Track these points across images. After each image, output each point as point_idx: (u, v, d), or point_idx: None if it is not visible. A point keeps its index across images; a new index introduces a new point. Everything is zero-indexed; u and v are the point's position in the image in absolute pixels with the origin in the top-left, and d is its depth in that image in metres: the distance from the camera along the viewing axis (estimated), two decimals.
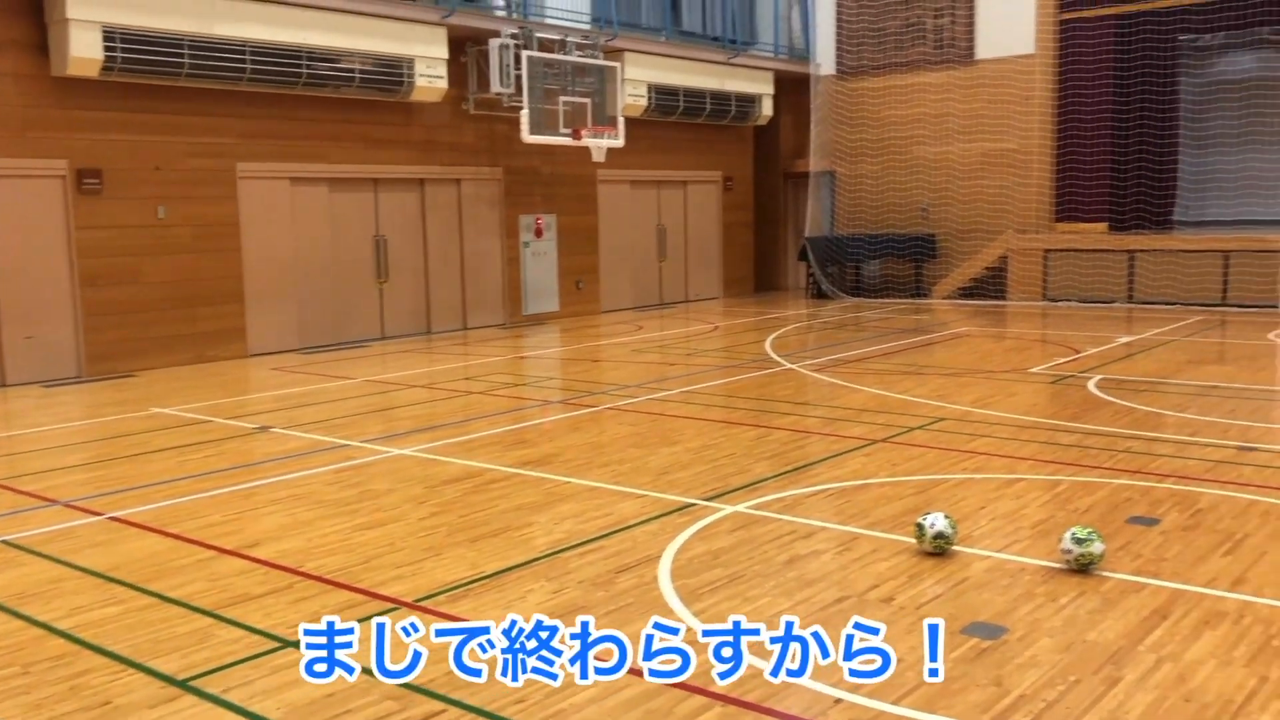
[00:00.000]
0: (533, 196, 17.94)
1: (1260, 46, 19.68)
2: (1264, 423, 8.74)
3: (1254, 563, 5.33)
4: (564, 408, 10.30)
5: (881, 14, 20.84)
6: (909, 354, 13.15)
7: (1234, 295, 17.02)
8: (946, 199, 20.41)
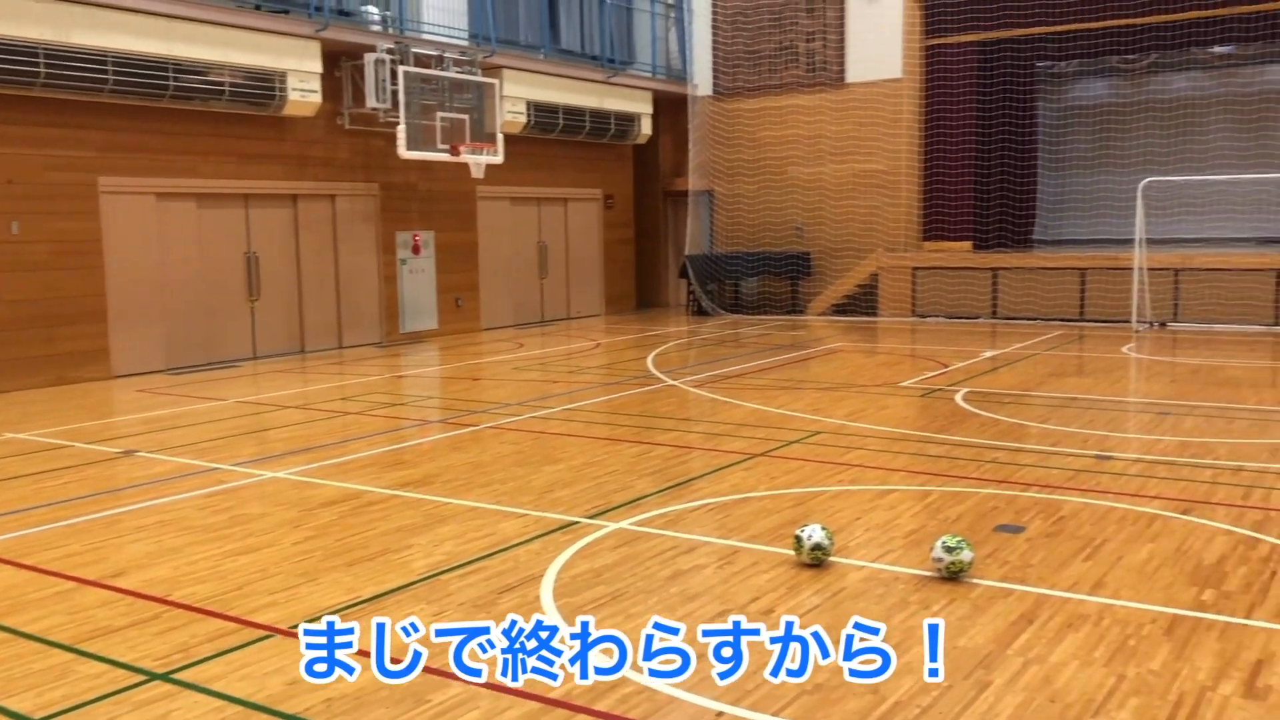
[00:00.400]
0: (410, 213, 17.72)
1: (1111, 74, 20.78)
2: (1119, 432, 9.17)
3: (1112, 567, 5.58)
4: (444, 427, 10.17)
5: (756, 37, 21.27)
6: (786, 369, 13.40)
7: (1091, 310, 17.84)
8: (820, 218, 20.90)
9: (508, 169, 18.29)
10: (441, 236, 18.23)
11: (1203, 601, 5.05)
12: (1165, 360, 13.64)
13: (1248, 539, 5.99)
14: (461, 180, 17.93)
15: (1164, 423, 9.51)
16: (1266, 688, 4.12)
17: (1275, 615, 4.85)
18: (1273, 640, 4.58)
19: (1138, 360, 13.71)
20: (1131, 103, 20.42)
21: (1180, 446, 8.44)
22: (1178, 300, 17.24)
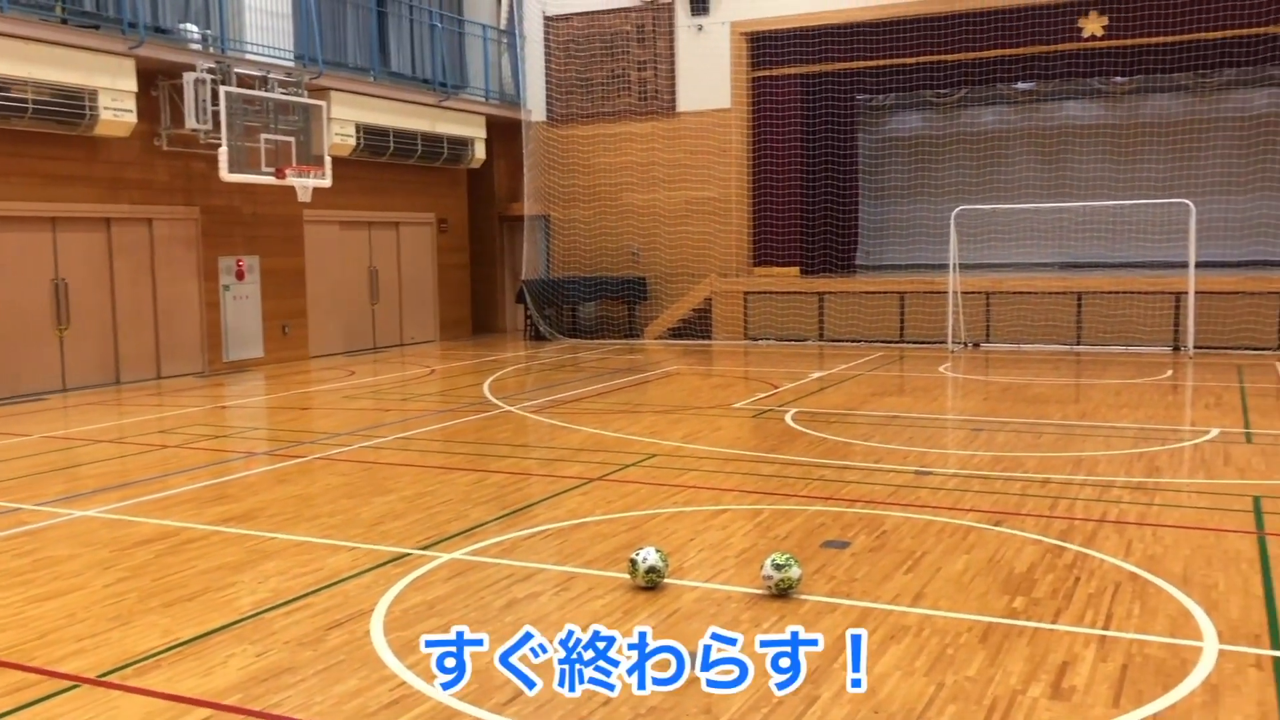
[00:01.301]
0: (233, 237, 17.10)
1: (925, 108, 21.88)
2: (937, 448, 9.59)
3: (931, 578, 5.82)
4: (270, 459, 9.82)
5: (588, 64, 21.48)
6: (624, 393, 13.51)
7: (910, 332, 18.66)
8: (655, 244, 21.21)
9: (337, 192, 17.87)
10: (267, 262, 17.65)
11: (1014, 609, 5.32)
12: (979, 379, 14.37)
13: (1054, 548, 6.35)
14: (288, 204, 17.42)
15: (978, 438, 10.00)
16: (1071, 688, 4.36)
17: (1079, 620, 5.16)
18: (1076, 643, 4.86)
19: (953, 379, 14.40)
20: (944, 135, 21.55)
21: (993, 461, 8.89)
22: (989, 322, 18.21)
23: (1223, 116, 19.87)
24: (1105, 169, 20.50)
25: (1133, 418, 10.95)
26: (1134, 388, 13.13)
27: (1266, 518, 6.97)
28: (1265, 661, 4.61)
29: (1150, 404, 11.86)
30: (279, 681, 4.58)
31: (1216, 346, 16.63)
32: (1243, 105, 19.77)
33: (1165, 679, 4.43)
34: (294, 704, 4.35)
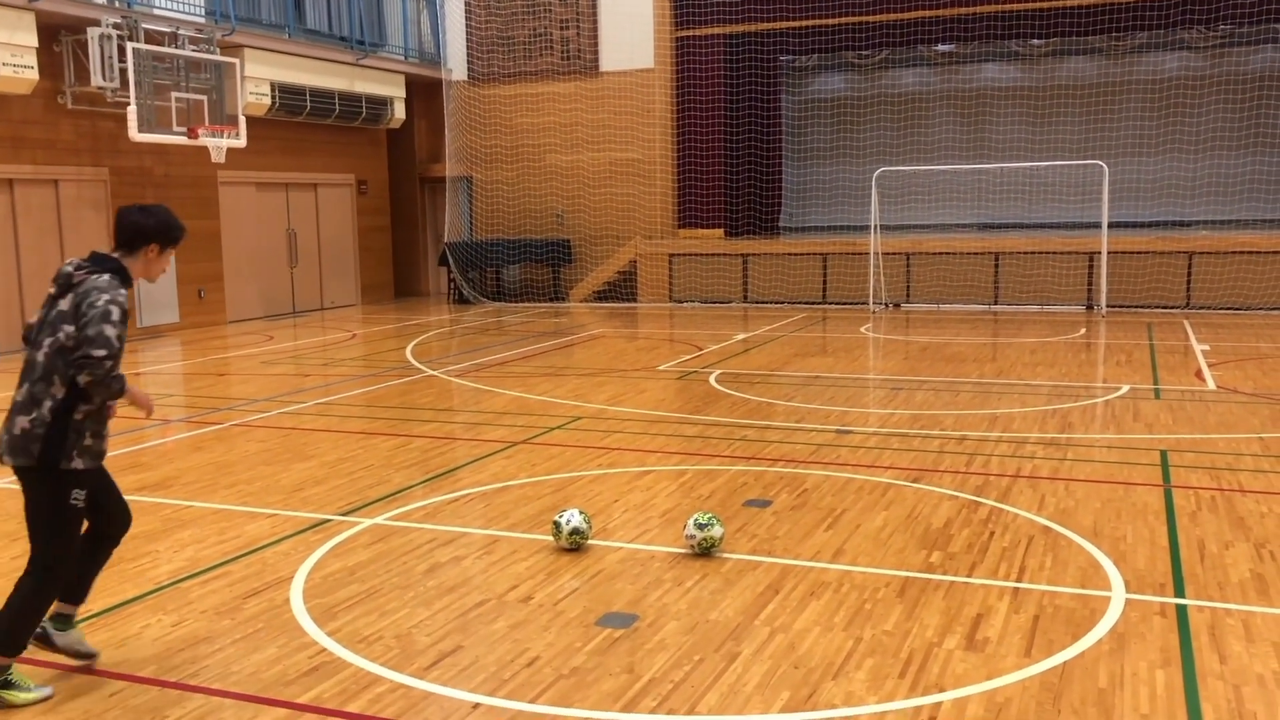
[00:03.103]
0: (145, 199, 16.53)
1: (847, 69, 21.98)
2: (858, 408, 9.73)
3: (851, 535, 5.91)
4: (186, 426, 9.60)
5: (510, 22, 21.16)
6: (548, 356, 13.45)
7: (832, 293, 18.84)
8: (580, 206, 21.08)
9: (252, 153, 17.44)
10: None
11: (930, 563, 5.43)
12: (899, 339, 14.58)
13: (970, 503, 6.49)
14: (201, 164, 16.95)
15: (897, 397, 10.16)
16: (984, 640, 4.47)
17: (993, 573, 5.28)
18: (990, 595, 4.98)
19: (874, 339, 14.59)
20: (866, 96, 21.68)
21: (912, 419, 9.04)
22: (909, 282, 18.47)
23: (1135, 79, 20.30)
24: (1022, 131, 20.83)
25: (1047, 375, 11.21)
26: (1049, 346, 13.44)
27: (1173, 471, 7.20)
28: (1169, 609, 4.77)
29: (1064, 362, 12.15)
30: (195, 651, 4.50)
31: (1128, 305, 17.09)
32: (1154, 68, 20.21)
33: (1075, 629, 4.57)
34: (211, 674, 4.28)
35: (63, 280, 4.13)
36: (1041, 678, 4.11)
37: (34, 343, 4.10)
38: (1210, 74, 19.66)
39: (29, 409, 4.03)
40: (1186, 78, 19.89)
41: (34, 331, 4.15)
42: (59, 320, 4.06)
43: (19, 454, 4.04)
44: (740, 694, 4.01)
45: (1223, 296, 16.72)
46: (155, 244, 4.33)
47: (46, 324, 4.10)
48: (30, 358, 4.09)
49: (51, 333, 4.05)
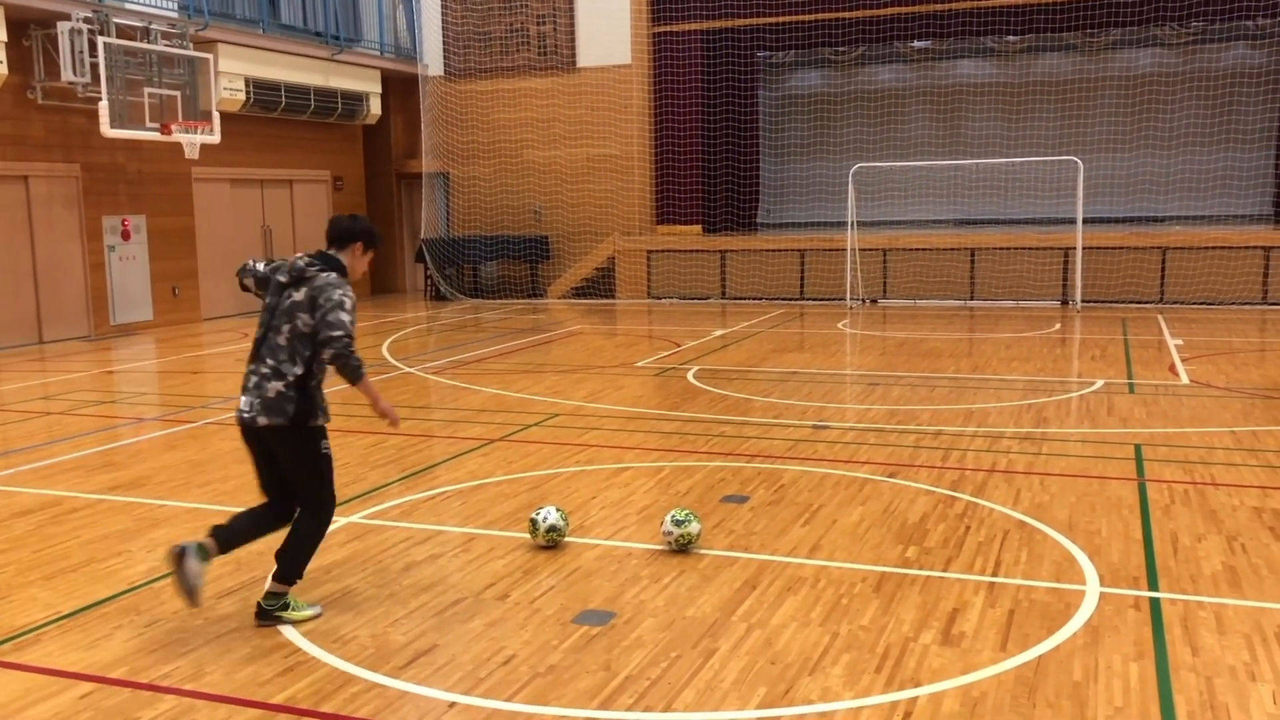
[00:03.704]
0: (118, 196, 16.45)
1: (824, 65, 22.01)
2: (835, 403, 9.75)
3: (827, 530, 5.92)
4: (160, 425, 9.52)
5: (486, 18, 21.09)
6: (526, 353, 13.42)
7: (810, 290, 18.88)
8: (557, 202, 21.03)
9: (227, 149, 17.32)
10: (154, 221, 17.04)
11: (907, 558, 5.45)
12: (876, 334, 14.63)
13: (946, 498, 6.51)
14: (175, 161, 16.81)
15: (874, 392, 10.19)
16: (960, 634, 4.49)
17: (969, 567, 5.30)
18: (966, 590, 5.00)
19: (851, 335, 14.63)
20: (843, 93, 21.72)
21: (888, 414, 9.07)
22: (886, 279, 18.53)
23: (1109, 75, 20.42)
24: (998, 127, 20.92)
25: (1022, 370, 11.27)
26: (1024, 341, 13.51)
27: (1147, 465, 7.25)
28: (1143, 603, 4.81)
29: (1039, 357, 12.22)
30: (168, 652, 4.46)
31: (1102, 300, 17.20)
32: (1128, 64, 20.34)
33: (1050, 622, 4.59)
34: (183, 675, 4.24)
35: (295, 273, 4.88)
36: (1017, 672, 4.13)
37: (273, 327, 4.85)
38: (1183, 70, 19.80)
39: (277, 377, 4.77)
40: (1160, 74, 20.03)
41: (264, 290, 4.96)
42: (294, 310, 4.82)
43: (274, 414, 4.76)
44: (717, 690, 4.01)
45: (1196, 291, 16.86)
46: (360, 244, 5.17)
47: (281, 312, 4.84)
48: (270, 340, 4.84)
49: (289, 320, 4.82)
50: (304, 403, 4.81)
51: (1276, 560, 5.32)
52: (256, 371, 4.83)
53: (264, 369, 4.81)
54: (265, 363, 4.81)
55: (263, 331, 4.89)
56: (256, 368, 4.83)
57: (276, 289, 4.91)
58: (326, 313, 4.77)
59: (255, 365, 4.84)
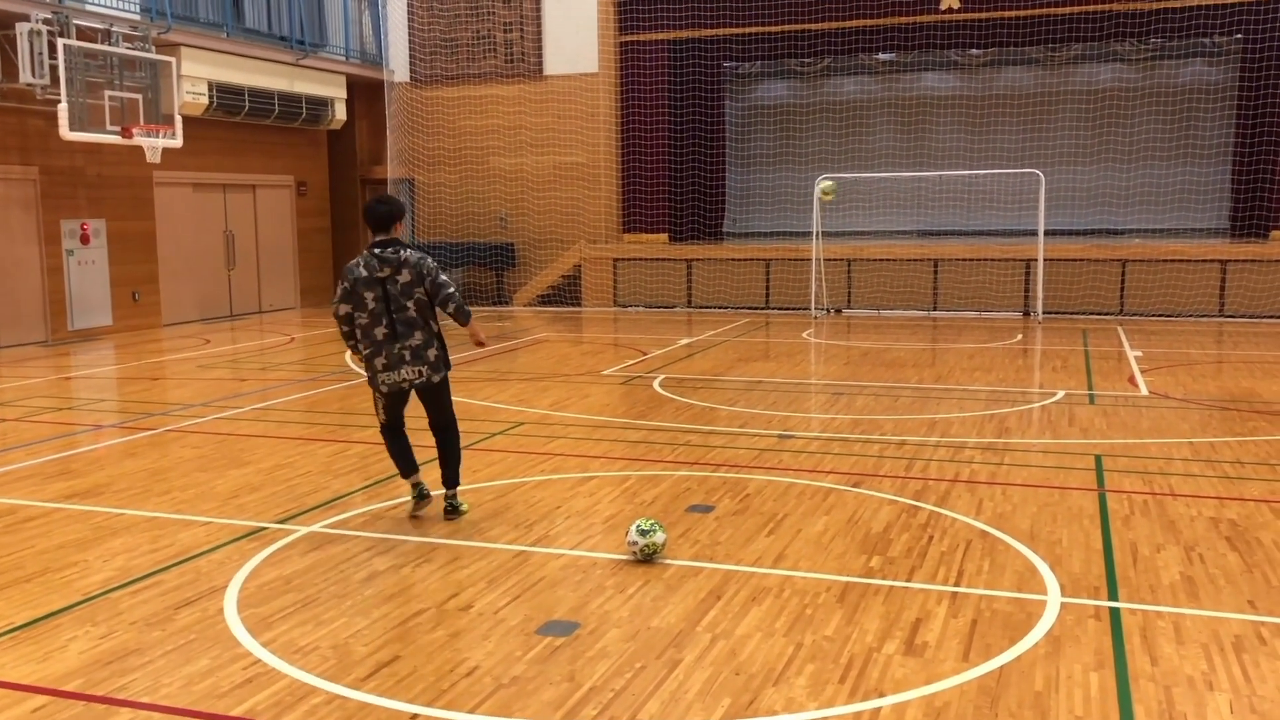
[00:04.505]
0: (77, 199, 16.23)
1: (789, 76, 22.13)
2: (800, 412, 9.78)
3: (792, 540, 5.93)
4: (119, 432, 9.39)
5: (453, 24, 21.02)
6: (491, 361, 13.36)
7: (775, 299, 18.96)
8: (523, 209, 20.99)
9: (189, 153, 17.13)
10: (114, 225, 16.82)
11: (870, 568, 5.46)
12: (840, 344, 14.70)
13: (909, 507, 6.55)
14: (136, 165, 16.61)
15: (838, 402, 10.24)
16: (924, 644, 4.51)
17: (932, 577, 5.33)
18: (929, 600, 5.02)
19: (816, 344, 14.70)
20: (808, 104, 21.84)
21: (852, 424, 9.11)
22: (851, 288, 18.64)
23: (1070, 90, 20.67)
24: (961, 139, 21.12)
25: (985, 381, 11.36)
26: (986, 352, 13.63)
27: (1107, 475, 7.32)
28: (1103, 612, 4.85)
29: (1001, 367, 12.33)
30: (124, 664, 4.39)
31: (1063, 312, 17.40)
32: (1089, 79, 20.60)
33: (1012, 632, 4.62)
34: (140, 687, 4.17)
35: (392, 263, 6.08)
36: (979, 681, 4.15)
37: (402, 307, 6.09)
38: (1142, 86, 20.09)
39: (430, 344, 6.22)
40: (1120, 89, 20.30)
41: (377, 305, 6.12)
42: (409, 288, 6.10)
43: (443, 369, 6.32)
44: (681, 701, 4.00)
45: (1155, 303, 17.09)
46: (399, 221, 6.26)
47: (398, 295, 6.09)
48: (406, 318, 6.11)
49: (409, 296, 6.10)
50: (447, 354, 6.36)
51: (1233, 570, 5.39)
52: (407, 346, 6.14)
53: (414, 341, 6.15)
54: (413, 335, 6.14)
55: (388, 316, 6.11)
56: (405, 342, 6.13)
57: (379, 281, 6.09)
58: (435, 277, 6.14)
59: (402, 341, 6.12)
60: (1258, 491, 6.86)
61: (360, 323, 6.17)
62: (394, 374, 6.16)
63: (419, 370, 6.16)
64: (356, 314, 6.18)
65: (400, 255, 6.08)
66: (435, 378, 6.22)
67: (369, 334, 6.16)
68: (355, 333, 6.27)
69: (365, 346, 6.21)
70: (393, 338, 6.10)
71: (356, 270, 6.12)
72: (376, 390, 6.32)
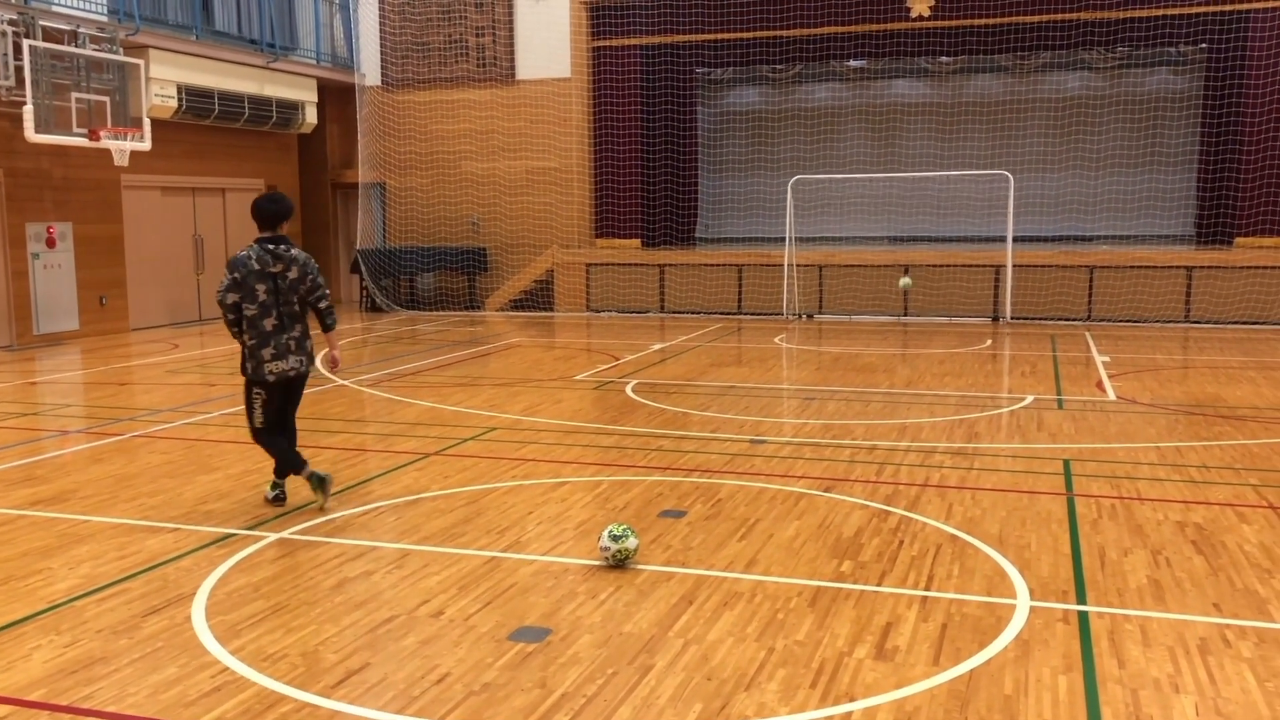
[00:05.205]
0: (43, 202, 16.05)
1: (762, 82, 22.21)
2: (772, 417, 9.81)
3: (764, 545, 5.94)
4: (86, 438, 9.28)
5: (425, 28, 20.97)
6: (463, 366, 13.32)
7: (748, 304, 19.01)
8: (496, 214, 20.94)
9: (157, 156, 16.98)
10: (81, 229, 16.64)
11: (842, 572, 5.48)
12: (812, 349, 14.76)
13: (880, 512, 6.58)
14: (104, 167, 16.45)
15: (810, 407, 10.28)
16: (894, 649, 4.53)
17: (902, 581, 5.35)
18: (900, 604, 5.04)
19: (788, 350, 14.75)
20: (780, 110, 21.94)
21: (824, 429, 9.15)
22: (822, 294, 18.72)
23: (1039, 97, 20.87)
24: (931, 146, 21.27)
25: (955, 386, 11.44)
26: (956, 357, 13.72)
27: (1075, 480, 7.39)
28: (1071, 616, 4.89)
29: (971, 372, 12.41)
30: (90, 673, 4.33)
31: (1032, 317, 17.54)
32: (1057, 87, 20.81)
33: (981, 636, 4.65)
34: (106, 696, 4.12)
35: (283, 259, 6.52)
36: (949, 685, 4.17)
37: (289, 301, 6.56)
38: (1109, 94, 20.31)
39: (307, 337, 6.73)
40: (1087, 97, 20.52)
41: (267, 297, 6.51)
42: (296, 284, 6.57)
43: (313, 361, 6.81)
44: (653, 707, 3.99)
45: (1122, 309, 17.27)
46: (286, 220, 6.68)
47: (286, 289, 6.54)
48: (291, 311, 6.59)
49: (295, 291, 6.57)
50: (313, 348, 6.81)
51: (1199, 573, 5.45)
52: (292, 337, 6.60)
53: (296, 334, 6.62)
54: (296, 328, 6.61)
55: (278, 308, 6.52)
56: (290, 334, 6.58)
57: (270, 276, 6.49)
58: (315, 277, 6.64)
59: (288, 332, 6.57)
60: (1222, 495, 6.94)
61: (248, 313, 6.50)
62: (282, 363, 6.58)
63: (301, 360, 6.66)
64: (245, 305, 6.48)
65: (289, 252, 6.55)
66: (310, 368, 6.83)
67: (256, 325, 6.51)
68: (241, 322, 6.56)
69: (251, 337, 6.55)
70: (280, 329, 6.54)
71: (248, 263, 6.45)
72: (261, 383, 6.65)
